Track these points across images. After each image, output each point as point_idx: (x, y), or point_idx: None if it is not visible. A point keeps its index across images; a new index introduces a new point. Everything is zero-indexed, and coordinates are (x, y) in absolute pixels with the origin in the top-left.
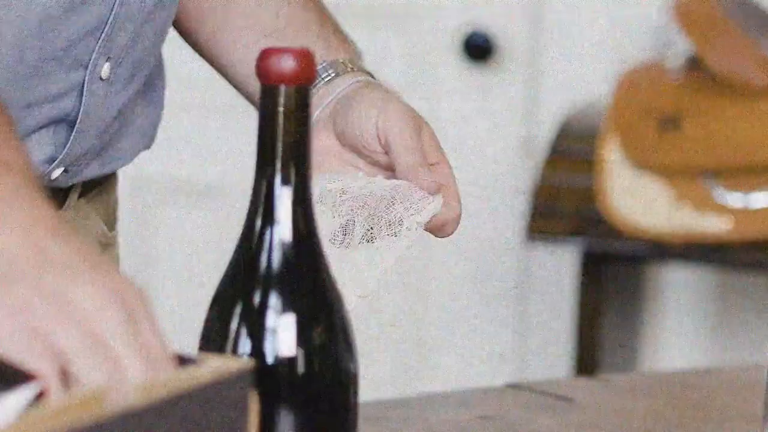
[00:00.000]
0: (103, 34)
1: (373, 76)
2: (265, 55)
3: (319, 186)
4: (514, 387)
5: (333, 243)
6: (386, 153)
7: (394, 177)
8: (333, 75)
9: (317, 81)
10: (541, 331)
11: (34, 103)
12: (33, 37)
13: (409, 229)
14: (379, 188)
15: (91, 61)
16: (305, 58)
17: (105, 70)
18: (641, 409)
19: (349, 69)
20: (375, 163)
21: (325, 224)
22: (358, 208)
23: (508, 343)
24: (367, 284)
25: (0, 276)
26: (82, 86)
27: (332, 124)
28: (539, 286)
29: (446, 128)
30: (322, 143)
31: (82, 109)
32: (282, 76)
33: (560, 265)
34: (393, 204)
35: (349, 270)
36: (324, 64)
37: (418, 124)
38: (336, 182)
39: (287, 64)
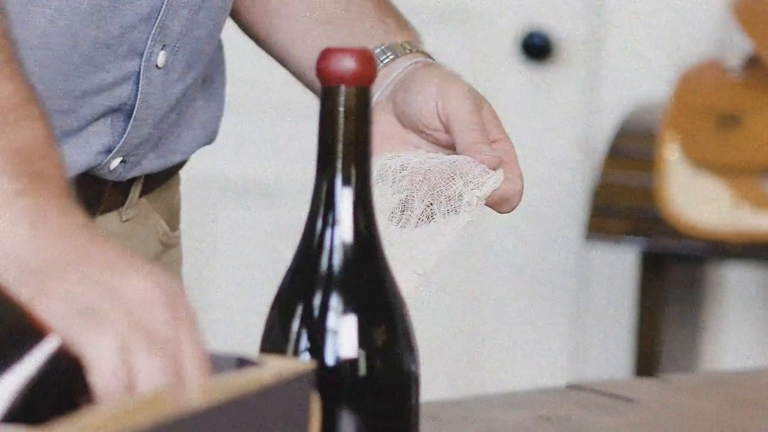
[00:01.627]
0: (157, 22)
1: (432, 58)
2: (325, 55)
3: (378, 163)
4: (575, 387)
5: (392, 221)
6: (447, 131)
7: (455, 154)
8: (392, 57)
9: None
10: (600, 331)
11: (90, 92)
12: (85, 25)
13: (470, 204)
14: (439, 163)
15: (146, 49)
16: (365, 58)
17: (161, 58)
18: (702, 410)
19: (407, 51)
20: (436, 142)
21: (384, 201)
22: (418, 183)
23: (566, 343)
24: (427, 262)
25: (46, 271)
26: (138, 75)
27: (392, 105)
28: (598, 286)
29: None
30: (382, 125)
31: (139, 97)
32: (342, 76)
33: (619, 265)
34: (453, 179)
35: (408, 248)
36: (382, 47)
37: (478, 101)
38: (395, 159)
39: (348, 65)
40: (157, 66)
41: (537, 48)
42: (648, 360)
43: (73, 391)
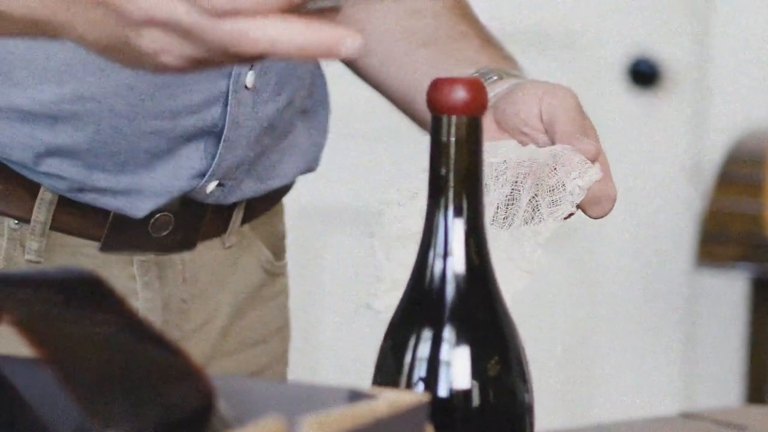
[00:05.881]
0: None
1: None
2: (436, 85)
3: None
4: (688, 416)
5: (496, 215)
6: (546, 132)
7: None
8: (495, 79)
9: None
10: (710, 358)
11: (179, 114)
12: None
13: (572, 194)
14: (540, 155)
15: (234, 70)
16: (477, 87)
17: (249, 78)
18: None
19: (512, 75)
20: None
21: (487, 197)
22: (524, 176)
23: (676, 370)
24: (532, 257)
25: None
26: (227, 96)
27: (493, 112)
28: (708, 313)
29: (613, 154)
30: None
31: (228, 118)
32: (453, 106)
33: (730, 292)
34: (555, 169)
35: (513, 245)
36: (487, 68)
37: (582, 111)
38: (496, 155)
39: (459, 95)
40: (246, 87)
41: (644, 74)
42: (759, 387)
43: None
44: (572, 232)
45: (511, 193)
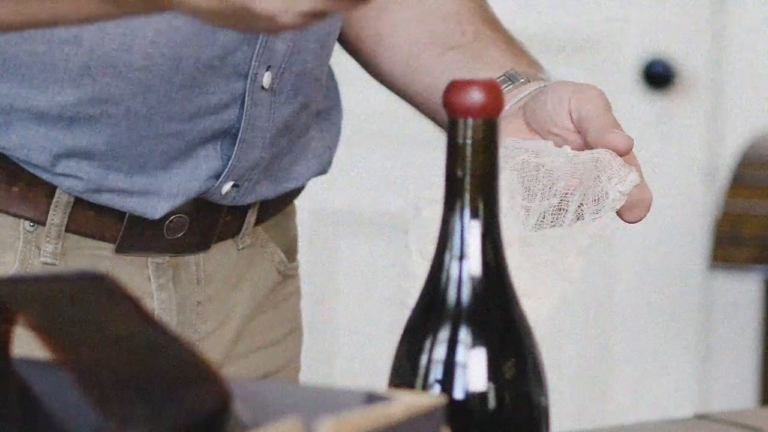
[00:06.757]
0: (260, 42)
1: None
2: (451, 87)
3: (513, 154)
4: (703, 417)
5: (541, 223)
6: (577, 130)
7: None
8: (523, 81)
9: (508, 84)
10: (725, 360)
11: (196, 115)
12: (186, 47)
13: (614, 201)
14: (581, 160)
15: (251, 70)
16: (493, 90)
17: (266, 79)
18: None
19: (539, 78)
20: (563, 144)
21: (535, 205)
22: (574, 188)
23: (691, 372)
24: (574, 267)
25: None
26: (244, 97)
27: (522, 112)
28: (723, 315)
29: None
30: (508, 129)
31: (244, 119)
32: (469, 108)
33: (744, 294)
34: (598, 177)
35: (555, 254)
36: (512, 72)
37: (611, 109)
38: (538, 155)
39: (475, 97)
40: (263, 87)
41: (658, 76)
42: None
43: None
44: None
45: (559, 203)
